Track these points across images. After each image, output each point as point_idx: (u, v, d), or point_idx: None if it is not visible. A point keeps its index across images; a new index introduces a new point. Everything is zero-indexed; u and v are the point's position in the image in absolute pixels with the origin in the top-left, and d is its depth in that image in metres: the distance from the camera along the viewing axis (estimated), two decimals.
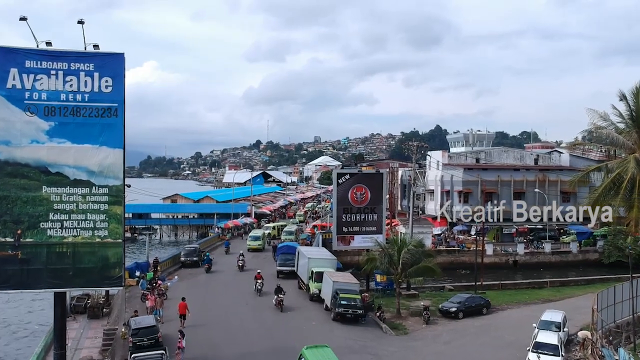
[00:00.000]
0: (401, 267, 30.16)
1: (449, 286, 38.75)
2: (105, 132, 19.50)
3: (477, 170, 61.58)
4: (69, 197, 19.16)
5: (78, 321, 28.44)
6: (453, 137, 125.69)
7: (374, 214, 36.68)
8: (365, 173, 37.75)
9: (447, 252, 52.70)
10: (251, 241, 50.17)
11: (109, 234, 19.52)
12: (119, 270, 19.71)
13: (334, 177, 36.71)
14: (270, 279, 35.41)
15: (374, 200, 36.55)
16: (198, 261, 38.86)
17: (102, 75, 19.41)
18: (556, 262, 53.44)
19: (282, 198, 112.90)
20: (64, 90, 19.13)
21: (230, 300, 30.54)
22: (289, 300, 30.38)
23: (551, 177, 62.25)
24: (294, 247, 36.91)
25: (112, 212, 19.60)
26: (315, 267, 30.45)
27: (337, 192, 36.28)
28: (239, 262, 38.47)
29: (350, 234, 36.38)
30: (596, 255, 54.47)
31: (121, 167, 19.72)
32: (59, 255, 19.08)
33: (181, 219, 79.68)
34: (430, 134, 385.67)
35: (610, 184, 24.72)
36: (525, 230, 60.43)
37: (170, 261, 38.24)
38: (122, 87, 19.69)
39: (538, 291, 38.59)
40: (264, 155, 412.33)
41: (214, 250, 48.32)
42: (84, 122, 19.31)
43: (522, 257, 52.99)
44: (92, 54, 19.67)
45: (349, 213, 36.25)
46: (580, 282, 41.47)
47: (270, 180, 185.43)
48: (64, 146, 19.20)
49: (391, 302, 32.01)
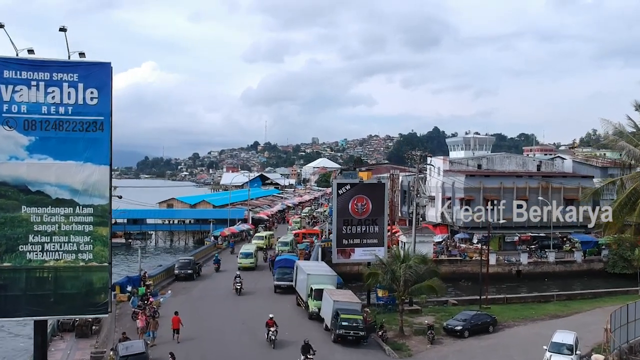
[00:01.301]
0: (404, 283, 28.85)
1: (452, 300, 37.46)
2: (90, 147, 18.16)
3: (479, 177, 60.33)
4: (50, 217, 17.82)
5: (65, 340, 27.04)
6: (452, 140, 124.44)
7: (375, 226, 35.35)
8: (366, 183, 36.44)
9: (449, 262, 51.48)
10: (242, 258, 44.02)
11: (93, 257, 18.15)
12: (104, 296, 18.34)
13: (334, 187, 35.38)
14: (268, 294, 34.12)
15: (376, 211, 35.22)
16: (192, 274, 37.40)
17: (87, 87, 18.07)
18: (560, 271, 52.31)
19: (280, 202, 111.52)
20: (46, 103, 17.79)
21: None
22: (286, 318, 29.06)
23: (554, 184, 61.05)
24: (292, 261, 35.54)
25: (97, 234, 18.22)
26: (315, 283, 29.12)
27: (337, 203, 34.94)
28: (235, 285, 33.91)
29: (351, 247, 35.03)
30: (601, 265, 53.37)
31: (107, 185, 18.37)
32: (39, 281, 17.74)
33: (177, 224, 78.21)
34: (428, 136, 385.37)
35: (626, 199, 23.47)
36: (528, 238, 59.29)
37: (164, 274, 36.81)
38: (109, 99, 18.34)
39: (544, 305, 37.33)
40: (261, 157, 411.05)
41: (209, 260, 46.75)
42: (67, 137, 17.96)
43: (526, 267, 51.80)
44: (76, 63, 18.32)
45: (349, 225, 34.91)
46: (586, 296, 40.23)
47: (267, 183, 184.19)
48: (46, 163, 17.84)
49: (393, 318, 30.73)
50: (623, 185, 24.78)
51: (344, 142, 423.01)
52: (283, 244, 50.89)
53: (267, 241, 55.65)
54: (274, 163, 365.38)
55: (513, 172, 62.98)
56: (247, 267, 42.99)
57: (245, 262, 43.57)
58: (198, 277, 38.42)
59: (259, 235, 58.42)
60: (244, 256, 44.11)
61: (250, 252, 44.75)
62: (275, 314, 30.08)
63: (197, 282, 37.03)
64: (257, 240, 55.77)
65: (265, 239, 55.80)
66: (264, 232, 60.67)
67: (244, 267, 42.69)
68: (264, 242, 54.95)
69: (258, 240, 55.38)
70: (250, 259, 44.01)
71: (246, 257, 43.97)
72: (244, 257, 44.00)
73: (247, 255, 44.14)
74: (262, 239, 56.09)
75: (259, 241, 54.90)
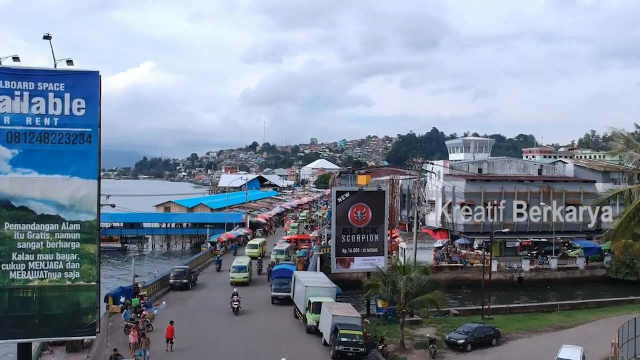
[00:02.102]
0: (404, 296, 28.01)
1: (454, 311, 36.62)
2: (77, 160, 17.29)
3: (480, 182, 59.52)
4: (35, 234, 16.96)
5: (55, 355, 26.12)
6: (452, 143, 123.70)
7: (375, 235, 34.49)
8: (366, 191, 35.57)
9: (449, 269, 50.69)
10: (235, 272, 39.16)
11: (81, 276, 17.29)
12: (92, 317, 17.48)
13: (333, 195, 34.54)
14: (265, 305, 33.27)
15: (375, 219, 34.36)
16: (188, 283, 36.44)
17: (74, 97, 17.21)
18: (562, 278, 51.55)
19: (278, 205, 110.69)
20: (30, 114, 16.94)
21: None
22: (284, 331, 28.24)
23: (556, 188, 60.34)
24: (290, 271, 34.66)
25: (84, 251, 17.37)
26: (313, 296, 28.27)
27: (336, 211, 34.07)
28: (232, 304, 30.69)
29: (350, 256, 34.16)
30: (603, 271, 52.68)
31: (95, 200, 17.50)
32: (22, 301, 16.88)
33: (174, 228, 77.29)
34: (427, 137, 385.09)
35: (634, 211, 22.72)
36: (529, 243, 58.58)
37: (159, 283, 35.86)
38: (97, 110, 17.49)
39: (548, 316, 36.50)
40: (260, 157, 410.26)
41: (206, 268, 45.80)
42: (52, 150, 17.10)
43: (528, 274, 51.02)
44: (63, 72, 17.48)
45: (348, 233, 34.04)
46: (590, 305, 39.42)
47: (266, 184, 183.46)
48: (30, 177, 16.99)
49: (393, 330, 29.91)
50: (631, 196, 24.04)
51: (342, 143, 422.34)
52: (278, 252, 48.12)
53: (260, 249, 52.11)
54: (273, 164, 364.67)
55: (514, 176, 62.26)
56: (241, 282, 38.68)
57: (238, 276, 39.06)
58: (194, 286, 37.50)
59: (251, 243, 54.22)
60: (236, 270, 39.39)
61: (244, 266, 40.01)
62: (273, 326, 29.37)
63: (192, 292, 36.12)
64: (250, 249, 51.96)
65: (258, 248, 52.23)
66: (257, 240, 56.66)
67: (237, 282, 38.41)
68: (258, 251, 51.19)
69: (251, 249, 51.58)
70: (243, 274, 39.41)
71: (239, 271, 39.43)
72: (236, 271, 39.34)
73: (240, 269, 39.55)
74: (256, 247, 52.28)
75: (252, 250, 51.34)
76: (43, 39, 17.30)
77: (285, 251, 48.30)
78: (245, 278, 39.15)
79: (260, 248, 52.05)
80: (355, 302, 42.16)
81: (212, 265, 46.40)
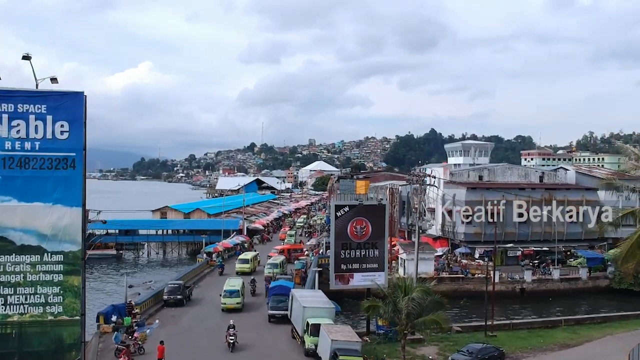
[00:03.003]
0: (406, 317, 26.95)
1: (456, 327, 35.61)
2: (61, 187, 16.25)
3: (481, 190, 58.53)
4: (14, 266, 15.95)
5: None
6: (451, 146, 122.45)
7: (375, 250, 33.47)
8: (365, 205, 34.52)
9: (450, 280, 49.67)
10: (227, 298, 34.29)
11: (64, 311, 16.25)
12: (76, 354, 16.44)
13: (332, 209, 33.51)
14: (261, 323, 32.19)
15: (376, 234, 33.35)
16: (182, 299, 35.27)
17: (56, 119, 16.18)
18: (565, 289, 50.59)
19: (276, 209, 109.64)
20: (10, 137, 15.92)
21: None
22: (281, 354, 27.17)
23: (558, 196, 59.43)
24: (288, 288, 33.54)
25: (68, 284, 16.33)
26: (311, 317, 27.21)
27: (335, 225, 33.03)
28: (228, 338, 27.14)
29: (350, 272, 33.14)
30: (606, 281, 51.75)
31: (79, 229, 16.45)
32: (1, 338, 15.83)
33: (170, 234, 76.14)
34: (425, 138, 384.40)
35: None
36: (530, 252, 57.66)
37: (152, 300, 34.72)
38: (82, 133, 16.44)
39: (552, 332, 35.52)
40: (258, 158, 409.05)
41: (202, 280, 44.58)
42: (33, 176, 16.06)
43: (530, 285, 50.02)
44: (45, 93, 16.41)
45: (348, 249, 33.02)
46: (596, 320, 38.45)
47: (263, 187, 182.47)
48: (9, 205, 15.97)
49: (394, 350, 28.87)
50: None
51: (340, 144, 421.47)
52: (273, 266, 44.49)
53: (252, 264, 47.89)
54: (271, 165, 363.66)
55: (515, 184, 61.35)
56: (233, 308, 33.97)
57: (230, 302, 34.20)
58: (188, 301, 36.35)
59: (242, 258, 49.07)
60: (228, 294, 34.39)
61: (236, 290, 34.87)
62: (269, 348, 28.26)
63: (187, 308, 34.94)
64: (241, 264, 47.35)
65: (250, 262, 47.78)
66: (249, 254, 51.47)
67: (229, 308, 33.87)
68: (250, 266, 47.18)
69: (242, 265, 47.15)
70: (235, 299, 34.43)
71: (231, 296, 34.39)
72: (228, 296, 34.35)
73: (231, 294, 34.50)
74: (247, 262, 47.76)
75: (243, 265, 47.02)
76: (22, 59, 16.21)
77: (280, 264, 45.14)
78: (238, 304, 34.45)
79: (252, 263, 48.03)
80: (355, 315, 41.34)
81: (207, 278, 45.13)
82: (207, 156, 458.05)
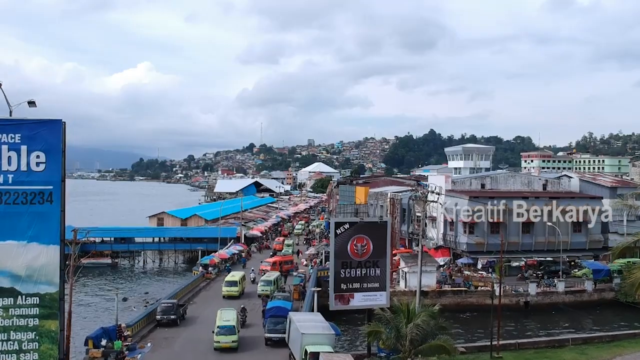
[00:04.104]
0: (410, 343, 25.69)
1: (461, 348, 34.27)
2: (36, 223, 14.93)
3: (483, 199, 57.23)
4: None
5: None
6: (451, 150, 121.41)
7: (376, 268, 32.14)
8: (367, 222, 33.21)
9: (452, 293, 48.40)
10: (221, 335, 29.35)
11: (39, 358, 14.91)
12: None
13: (332, 227, 32.14)
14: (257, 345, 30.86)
15: (377, 252, 32.01)
16: (176, 319, 33.89)
17: (31, 149, 14.88)
18: (570, 302, 49.35)
19: (275, 214, 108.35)
20: None
21: None
22: None
23: (561, 205, 58.15)
24: (286, 309, 32.19)
25: (44, 329, 15.01)
26: (310, 344, 25.92)
27: (335, 243, 31.67)
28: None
29: (350, 292, 31.82)
30: (612, 294, 50.49)
31: (57, 269, 15.13)
32: None
33: (166, 242, 74.78)
34: (424, 138, 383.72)
35: None
36: (534, 262, 56.43)
37: (144, 320, 33.33)
38: (60, 164, 15.13)
39: (560, 353, 34.27)
40: (257, 159, 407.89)
41: (197, 295, 43.09)
42: (6, 212, 14.79)
43: (534, 298, 48.76)
44: (19, 121, 15.10)
45: (348, 268, 31.68)
46: (604, 339, 37.20)
47: (262, 189, 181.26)
48: None
49: None
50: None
51: (339, 145, 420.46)
52: (266, 283, 41.66)
53: (240, 287, 42.50)
54: (270, 166, 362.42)
55: (518, 192, 60.07)
56: (229, 347, 29.36)
57: (226, 340, 29.34)
58: (183, 320, 34.99)
59: (230, 280, 42.76)
60: (222, 332, 29.46)
61: (231, 326, 29.84)
62: None
63: (181, 328, 33.55)
64: (229, 287, 41.75)
65: (238, 285, 42.20)
66: (236, 274, 44.50)
67: (224, 347, 29.21)
68: (238, 289, 41.85)
69: (229, 288, 41.63)
70: (231, 337, 29.50)
71: (226, 334, 29.42)
72: (223, 334, 29.40)
73: (227, 331, 29.52)
74: (235, 284, 42.03)
75: (230, 289, 41.56)
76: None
77: (273, 282, 42.12)
78: (234, 342, 29.61)
79: (241, 285, 42.74)
80: (355, 328, 40.09)
81: (203, 293, 43.62)
82: (206, 157, 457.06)
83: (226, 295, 41.54)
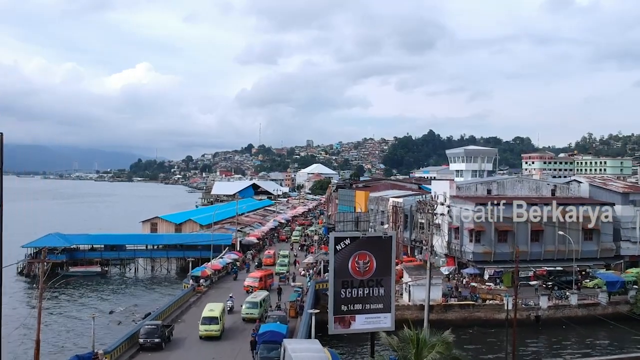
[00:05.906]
0: None
1: None
2: None
3: (490, 205, 54.39)
4: None
5: None
6: (453, 152, 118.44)
7: (380, 288, 29.33)
8: (369, 237, 30.36)
9: (459, 307, 45.69)
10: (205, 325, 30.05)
11: None
12: None
13: (331, 242, 29.35)
14: None
15: (380, 270, 29.22)
16: (161, 342, 30.94)
17: None
18: (583, 316, 46.49)
19: (272, 217, 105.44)
20: None
21: None
22: None
23: (571, 211, 55.43)
24: (281, 334, 29.35)
25: None
26: None
27: (334, 260, 28.87)
28: None
29: (351, 314, 29.01)
30: (627, 307, 47.71)
31: None
32: None
33: (159, 250, 71.84)
34: (423, 139, 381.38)
35: None
36: (543, 272, 53.65)
37: (126, 344, 30.37)
38: None
39: None
40: (255, 160, 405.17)
41: (186, 312, 39.96)
42: None
43: (545, 312, 45.99)
44: None
45: (349, 287, 28.85)
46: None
47: (260, 191, 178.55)
48: None
49: None
50: None
51: (338, 145, 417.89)
52: (252, 306, 36.58)
53: (222, 324, 33.48)
54: (268, 166, 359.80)
55: (526, 197, 57.30)
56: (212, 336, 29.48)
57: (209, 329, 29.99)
58: (169, 343, 32.01)
59: (208, 315, 33.31)
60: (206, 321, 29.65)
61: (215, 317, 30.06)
62: None
63: (166, 353, 30.60)
64: (207, 326, 32.81)
65: (219, 322, 33.20)
66: (215, 307, 34.33)
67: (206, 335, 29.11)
68: (218, 328, 33.10)
69: (208, 327, 32.79)
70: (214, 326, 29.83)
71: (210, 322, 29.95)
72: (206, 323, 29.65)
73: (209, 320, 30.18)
74: (216, 321, 33.11)
75: (210, 327, 32.80)
76: None
77: (260, 303, 37.06)
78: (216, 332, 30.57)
79: (222, 321, 33.62)
80: (358, 347, 37.38)
81: (193, 309, 40.38)
82: (205, 157, 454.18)
83: (203, 336, 32.71)
